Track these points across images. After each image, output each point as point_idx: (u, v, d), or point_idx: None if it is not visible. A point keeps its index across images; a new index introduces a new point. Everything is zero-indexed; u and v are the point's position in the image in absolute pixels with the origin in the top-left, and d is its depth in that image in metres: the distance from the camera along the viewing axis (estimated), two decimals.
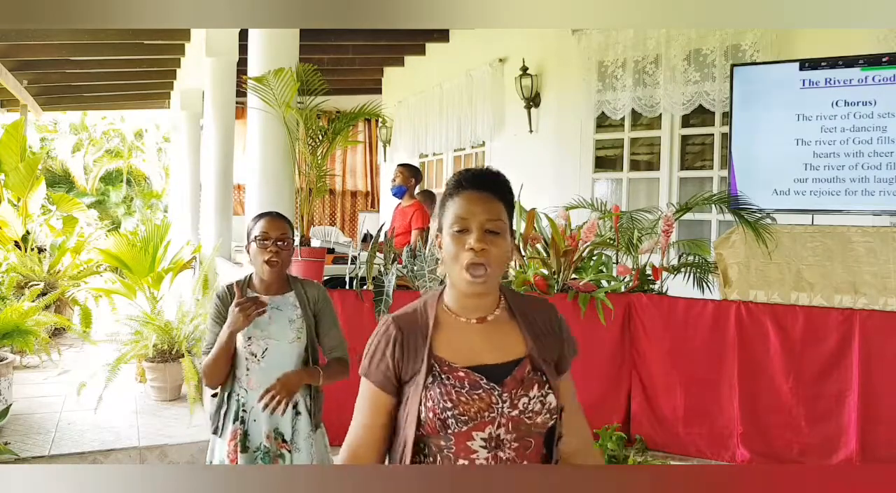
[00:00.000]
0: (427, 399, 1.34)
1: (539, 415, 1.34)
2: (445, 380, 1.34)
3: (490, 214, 1.36)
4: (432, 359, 1.37)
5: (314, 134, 4.10)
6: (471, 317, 1.41)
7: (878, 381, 3.48)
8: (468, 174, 1.41)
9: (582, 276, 4.13)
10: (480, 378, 1.34)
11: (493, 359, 1.37)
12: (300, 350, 2.40)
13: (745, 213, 3.97)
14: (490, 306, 1.42)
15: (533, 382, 1.36)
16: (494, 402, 1.33)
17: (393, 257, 3.96)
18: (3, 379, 4.29)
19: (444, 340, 1.39)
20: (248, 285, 2.44)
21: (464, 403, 1.32)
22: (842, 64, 3.88)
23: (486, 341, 1.39)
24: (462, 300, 1.41)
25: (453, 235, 1.36)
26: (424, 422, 1.34)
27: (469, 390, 1.33)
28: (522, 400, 1.34)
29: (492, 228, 1.35)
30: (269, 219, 2.41)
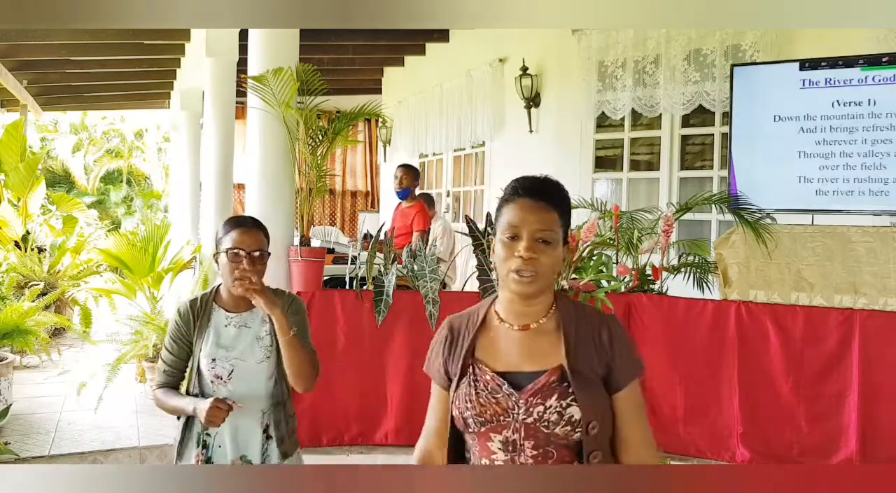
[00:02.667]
0: (456, 398, 1.40)
1: (557, 426, 1.33)
2: (473, 382, 1.38)
3: (542, 223, 1.36)
4: (469, 360, 1.42)
5: (314, 134, 4.10)
6: (514, 324, 1.42)
7: (878, 381, 3.48)
8: (525, 182, 1.41)
9: (582, 276, 4.13)
10: (503, 383, 1.36)
11: (529, 367, 1.38)
12: (271, 370, 2.16)
13: (745, 213, 3.97)
14: (537, 314, 1.42)
15: (554, 391, 1.34)
16: (511, 407, 1.34)
17: (393, 257, 3.96)
18: (3, 379, 4.29)
19: (485, 343, 1.43)
20: (213, 299, 2.21)
21: (481, 405, 1.36)
22: (842, 64, 3.88)
23: (525, 349, 1.40)
24: (510, 305, 1.42)
25: (504, 241, 1.38)
26: (455, 419, 1.40)
27: (490, 393, 1.36)
28: (538, 409, 1.33)
29: (543, 237, 1.36)
30: (243, 230, 2.13)
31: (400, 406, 3.86)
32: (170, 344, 2.20)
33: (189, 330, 2.18)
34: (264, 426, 2.15)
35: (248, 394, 2.14)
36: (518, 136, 6.57)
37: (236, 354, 2.15)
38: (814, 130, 3.94)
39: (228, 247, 2.11)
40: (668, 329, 3.89)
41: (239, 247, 2.10)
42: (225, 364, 2.13)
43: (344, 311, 3.87)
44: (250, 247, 2.11)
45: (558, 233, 1.38)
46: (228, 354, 2.14)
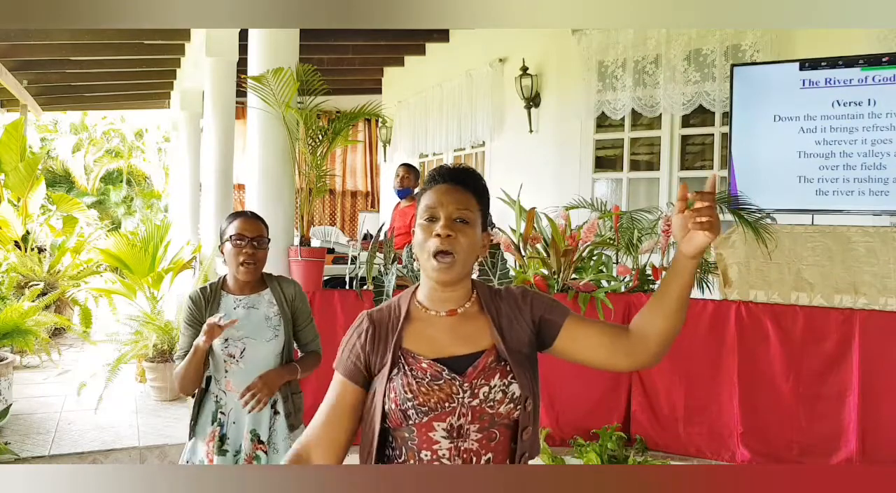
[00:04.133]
0: (390, 391, 1.36)
1: (501, 404, 1.34)
2: (408, 372, 1.36)
3: (459, 203, 1.39)
4: (399, 351, 1.39)
5: (314, 134, 4.10)
6: (441, 310, 1.42)
7: (878, 381, 3.48)
8: (442, 169, 1.46)
9: (582, 276, 4.13)
10: (442, 369, 1.36)
11: (461, 351, 1.38)
12: (278, 349, 2.35)
13: (745, 213, 3.97)
14: (461, 299, 1.43)
15: (495, 371, 1.36)
16: (455, 392, 1.34)
17: (393, 257, 3.96)
18: (3, 379, 4.29)
19: (413, 333, 1.42)
20: (221, 287, 2.39)
21: (423, 393, 1.33)
22: (842, 64, 3.89)
23: (455, 333, 1.41)
24: (433, 293, 1.43)
25: (422, 224, 1.39)
26: (388, 414, 1.36)
27: (430, 380, 1.35)
28: (483, 389, 1.34)
29: (460, 216, 1.38)
30: (245, 219, 2.35)
31: None
32: (185, 328, 2.35)
33: (202, 314, 2.33)
34: (272, 402, 2.31)
35: (257, 372, 2.28)
36: (518, 136, 6.57)
37: (246, 333, 2.30)
38: (814, 130, 3.94)
39: (232, 234, 2.31)
40: None
41: (242, 233, 2.30)
42: (237, 343, 2.29)
43: (344, 311, 3.87)
44: (252, 233, 2.31)
45: (476, 214, 1.41)
46: (239, 333, 2.29)
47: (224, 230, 2.36)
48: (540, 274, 4.06)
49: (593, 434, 3.75)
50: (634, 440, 3.85)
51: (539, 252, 4.17)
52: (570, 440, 3.77)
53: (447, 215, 1.37)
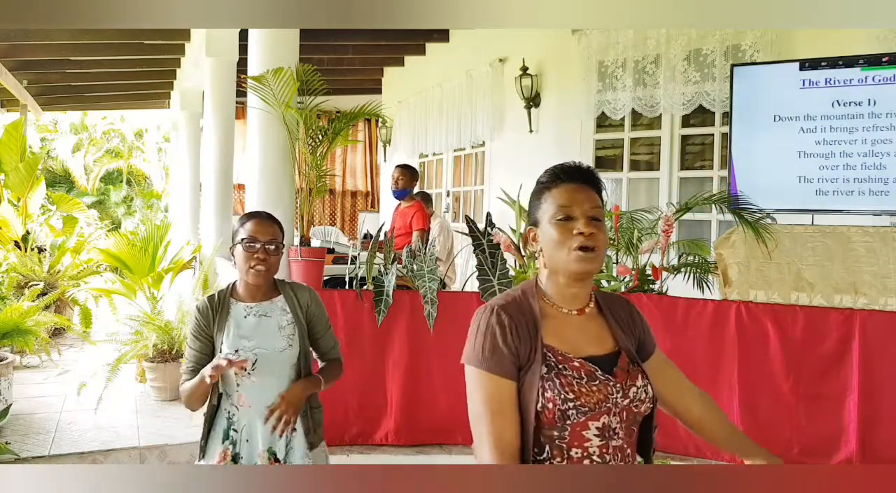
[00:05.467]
0: (545, 390, 1.33)
1: (643, 403, 1.40)
2: (563, 371, 1.35)
3: (592, 202, 1.42)
4: (545, 348, 1.37)
5: (314, 134, 4.10)
6: (571, 308, 1.44)
7: (878, 381, 3.48)
8: (565, 167, 1.46)
9: None
10: (595, 369, 1.37)
11: (594, 351, 1.41)
12: (293, 360, 2.19)
13: (745, 213, 3.97)
14: (586, 298, 1.46)
15: (637, 372, 1.41)
16: (610, 392, 1.36)
17: (393, 257, 3.96)
18: (3, 379, 4.29)
19: (551, 330, 1.40)
20: (231, 294, 2.24)
21: (585, 394, 1.34)
22: (842, 64, 3.88)
23: (586, 332, 1.43)
24: (564, 290, 1.43)
25: (557, 223, 1.40)
26: (541, 412, 1.33)
27: (587, 381, 1.35)
28: (632, 389, 1.39)
29: (594, 215, 1.40)
30: (259, 221, 2.19)
31: (400, 406, 3.86)
32: (192, 341, 2.22)
33: (209, 325, 2.19)
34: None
35: (273, 384, 2.14)
36: (518, 136, 6.57)
37: (257, 342, 2.15)
38: (814, 130, 3.94)
39: (244, 237, 2.16)
40: (668, 329, 3.88)
41: (254, 236, 2.16)
42: (248, 354, 2.12)
43: (344, 311, 3.87)
44: (265, 237, 2.16)
45: (603, 212, 1.44)
46: (250, 343, 2.14)
47: (236, 232, 2.22)
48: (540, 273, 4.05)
49: None
50: None
51: None
52: None
53: (584, 214, 1.39)
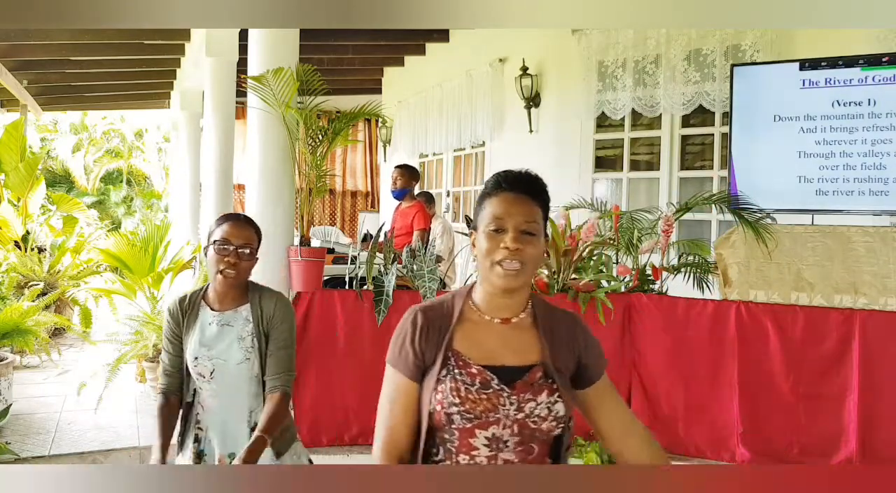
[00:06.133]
0: (437, 392, 1.35)
1: (544, 421, 1.35)
2: (458, 375, 1.35)
3: (526, 215, 1.38)
4: (449, 352, 1.38)
5: (314, 134, 4.09)
6: (495, 316, 1.42)
7: (878, 381, 3.48)
8: (507, 175, 1.42)
9: (582, 276, 4.13)
10: (492, 378, 1.35)
11: (511, 361, 1.38)
12: (253, 371, 2.11)
13: (745, 213, 3.97)
14: (517, 308, 1.43)
15: (543, 387, 1.36)
16: (501, 403, 1.34)
17: (393, 257, 3.96)
18: (3, 379, 4.29)
19: (464, 335, 1.41)
20: (202, 297, 2.17)
21: (471, 400, 1.33)
22: (842, 64, 3.88)
23: (506, 342, 1.40)
24: (490, 299, 1.42)
25: (489, 233, 1.38)
26: (432, 414, 1.35)
27: (479, 388, 1.34)
28: (529, 404, 1.34)
29: (527, 229, 1.37)
30: (234, 223, 2.10)
31: None
32: (166, 343, 2.20)
33: (179, 327, 2.16)
34: (252, 424, 2.12)
35: (232, 393, 2.11)
36: (518, 136, 6.57)
37: (216, 353, 2.10)
38: (814, 130, 3.94)
39: (216, 239, 2.08)
40: (668, 329, 3.89)
41: (227, 239, 2.07)
42: (207, 363, 2.09)
43: (344, 311, 3.86)
44: (238, 240, 2.07)
45: (541, 226, 1.40)
46: (209, 352, 2.10)
47: (211, 232, 2.13)
48: (540, 274, 4.06)
49: (593, 434, 3.74)
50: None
51: None
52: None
53: (515, 227, 1.36)
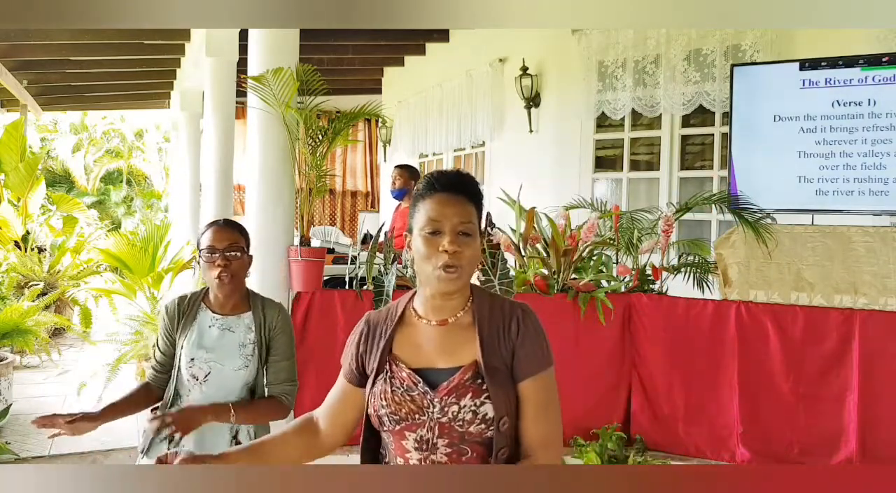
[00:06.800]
0: (372, 396, 1.40)
1: (471, 424, 1.33)
2: (389, 378, 1.39)
3: (462, 216, 1.37)
4: (386, 356, 1.41)
5: (314, 134, 4.09)
6: (432, 319, 1.42)
7: (878, 381, 3.48)
8: (439, 176, 1.42)
9: (582, 276, 4.13)
10: (418, 381, 1.37)
11: (445, 363, 1.38)
12: (247, 380, 2.13)
13: (745, 213, 3.97)
14: (455, 308, 1.42)
15: (468, 390, 1.34)
16: (426, 406, 1.34)
17: (393, 257, 3.96)
18: (3, 379, 4.29)
19: (403, 339, 1.43)
20: (202, 299, 2.20)
21: (396, 403, 1.36)
22: (842, 64, 3.88)
23: (441, 344, 1.40)
24: (429, 301, 1.42)
25: (425, 236, 1.37)
26: (370, 416, 1.41)
27: (404, 391, 1.36)
28: (452, 408, 1.33)
29: (464, 229, 1.37)
30: (216, 229, 2.14)
31: None
32: (159, 340, 2.22)
33: (174, 327, 2.17)
34: (234, 432, 2.12)
35: (223, 398, 2.10)
36: (518, 136, 6.57)
37: (215, 356, 2.11)
38: (814, 130, 3.94)
39: (202, 248, 2.13)
40: (668, 329, 3.89)
41: (212, 246, 2.10)
42: (203, 365, 2.10)
43: (344, 311, 3.87)
44: (223, 243, 2.10)
45: (476, 225, 1.40)
46: (208, 355, 2.11)
47: (198, 241, 2.17)
48: (540, 274, 4.06)
49: (593, 434, 3.75)
50: (634, 440, 3.85)
51: (539, 252, 4.17)
52: (570, 440, 3.77)
53: (451, 229, 1.36)
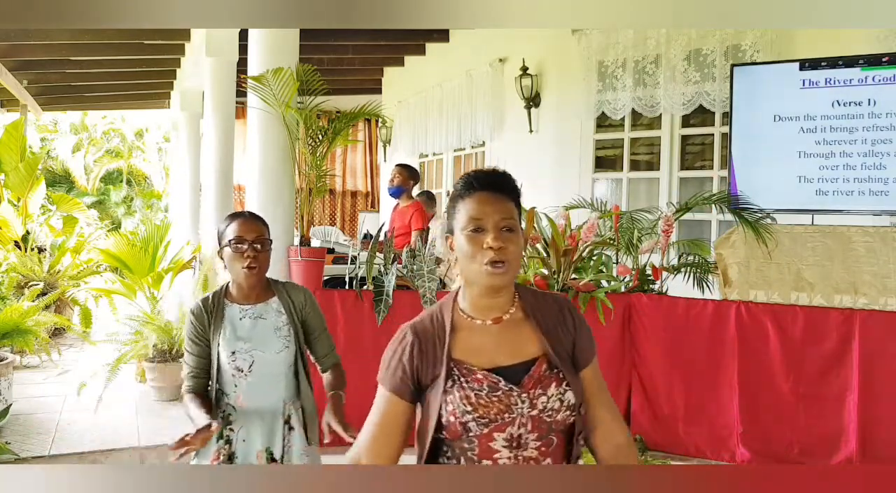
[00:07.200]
0: (447, 403, 1.35)
1: (559, 413, 1.35)
2: (465, 383, 1.35)
3: (504, 212, 1.38)
4: (451, 362, 1.38)
5: (314, 134, 4.10)
6: (486, 318, 1.41)
7: (878, 381, 3.48)
8: (478, 175, 1.42)
9: (582, 276, 4.13)
10: (498, 380, 1.35)
11: (510, 360, 1.38)
12: (290, 361, 2.21)
13: (745, 213, 3.97)
14: (505, 306, 1.42)
15: (550, 380, 1.36)
16: (514, 403, 1.34)
17: (393, 257, 3.96)
18: (3, 379, 4.29)
19: (461, 343, 1.40)
20: (224, 296, 2.24)
21: (483, 406, 1.33)
22: (842, 64, 3.89)
23: (502, 342, 1.40)
24: (478, 301, 1.42)
25: (469, 235, 1.37)
26: (446, 426, 1.35)
27: (488, 392, 1.34)
28: (541, 399, 1.35)
29: (507, 225, 1.37)
30: (243, 220, 2.19)
31: None
32: (189, 345, 2.22)
33: (205, 328, 2.20)
34: (286, 416, 2.20)
35: (270, 384, 2.18)
36: (518, 136, 6.57)
37: (254, 345, 2.17)
38: (814, 130, 3.94)
39: (231, 238, 2.16)
40: (668, 329, 3.89)
41: (241, 236, 2.15)
42: (245, 356, 2.16)
43: (344, 311, 3.87)
44: (252, 235, 2.16)
45: (518, 221, 1.40)
46: (247, 345, 2.17)
47: (222, 233, 2.21)
48: (540, 274, 4.06)
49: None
50: (634, 440, 3.84)
51: (539, 252, 4.17)
52: None
53: (494, 226, 1.36)
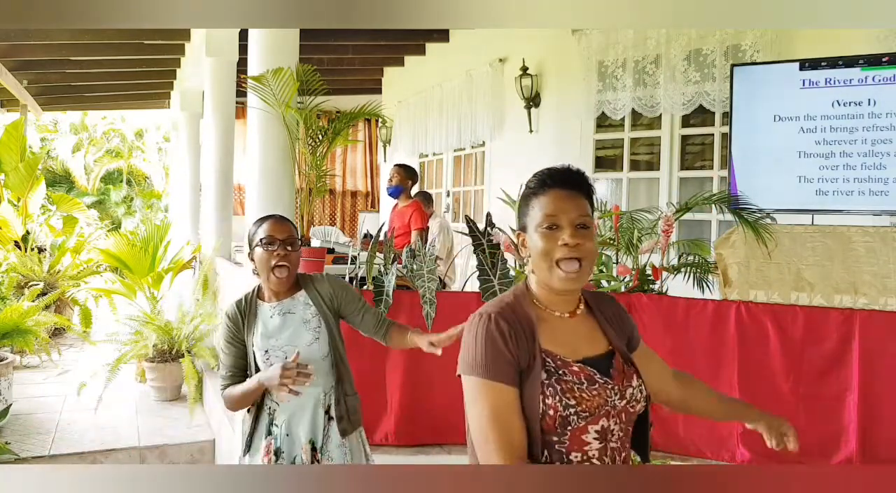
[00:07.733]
0: (546, 396, 1.31)
1: (638, 403, 1.38)
2: (563, 376, 1.33)
3: (579, 209, 1.38)
4: (543, 354, 1.35)
5: (314, 134, 4.10)
6: (563, 311, 1.42)
7: (878, 381, 3.48)
8: (553, 172, 1.42)
9: None
10: (594, 373, 1.35)
11: (591, 352, 1.39)
12: (324, 351, 2.26)
13: (745, 213, 3.97)
14: (576, 300, 1.44)
15: (631, 372, 1.40)
16: (609, 396, 1.34)
17: (393, 257, 3.96)
18: (3, 379, 4.29)
19: (547, 334, 1.38)
20: (256, 296, 2.31)
21: (586, 399, 1.32)
22: (842, 64, 3.88)
23: (579, 334, 1.41)
24: (552, 296, 1.42)
25: (543, 232, 1.37)
26: (542, 419, 1.31)
27: (587, 385, 1.33)
28: (629, 390, 1.37)
29: (582, 222, 1.37)
30: (274, 221, 2.27)
31: (400, 407, 3.86)
32: (225, 347, 2.28)
33: (240, 329, 2.26)
34: (326, 407, 2.25)
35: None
36: (518, 136, 6.57)
37: (285, 341, 2.22)
38: (814, 130, 3.94)
39: (262, 238, 2.23)
40: (668, 329, 3.89)
41: (272, 236, 2.22)
42: (278, 352, 2.20)
43: None
44: (283, 235, 2.23)
45: (592, 218, 1.41)
46: (278, 342, 2.21)
47: (253, 235, 2.28)
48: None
49: None
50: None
51: None
52: None
53: (569, 223, 1.36)
